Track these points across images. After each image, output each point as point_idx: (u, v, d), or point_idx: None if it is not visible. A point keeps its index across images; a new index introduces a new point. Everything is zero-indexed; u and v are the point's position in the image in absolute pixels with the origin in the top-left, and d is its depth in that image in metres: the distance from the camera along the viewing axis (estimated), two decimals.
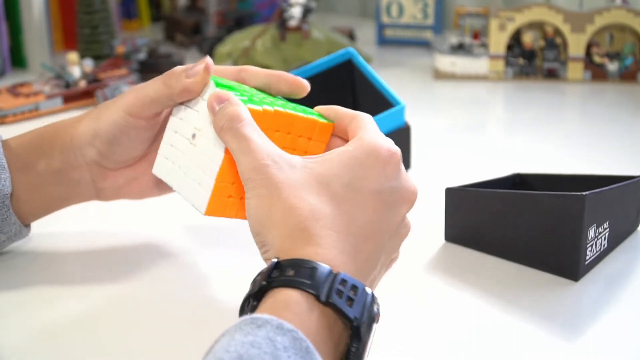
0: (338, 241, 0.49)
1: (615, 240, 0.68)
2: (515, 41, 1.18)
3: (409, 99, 0.89)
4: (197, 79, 0.58)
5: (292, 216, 0.49)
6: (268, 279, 0.46)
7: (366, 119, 0.56)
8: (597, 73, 1.16)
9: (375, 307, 0.48)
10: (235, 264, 0.66)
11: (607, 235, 0.66)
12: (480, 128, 1.03)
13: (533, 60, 1.17)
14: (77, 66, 1.10)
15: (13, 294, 0.63)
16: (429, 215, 0.72)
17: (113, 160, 0.64)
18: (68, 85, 1.09)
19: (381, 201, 0.51)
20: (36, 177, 0.64)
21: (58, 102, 1.07)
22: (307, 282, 0.46)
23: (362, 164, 0.51)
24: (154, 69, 1.18)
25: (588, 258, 0.64)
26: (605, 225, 0.65)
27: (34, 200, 0.65)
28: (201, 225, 0.72)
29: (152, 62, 1.20)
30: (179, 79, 0.58)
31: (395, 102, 0.82)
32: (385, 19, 1.36)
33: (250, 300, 0.47)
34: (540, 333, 0.58)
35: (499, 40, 1.16)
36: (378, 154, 0.52)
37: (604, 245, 0.66)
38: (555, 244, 0.64)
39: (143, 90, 0.61)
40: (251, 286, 0.48)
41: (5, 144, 0.64)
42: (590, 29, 1.13)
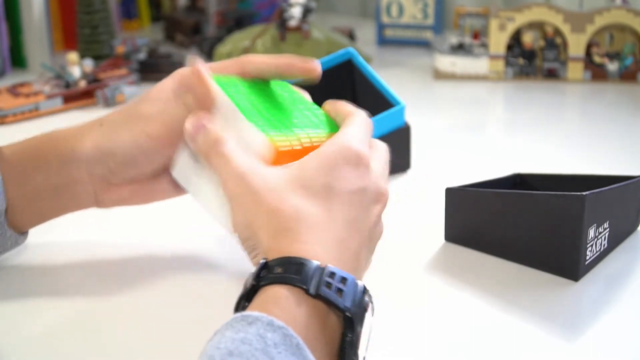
0: (323, 237, 0.49)
1: (615, 240, 0.68)
2: (515, 41, 1.18)
3: (409, 99, 0.89)
4: (201, 88, 0.57)
5: (276, 217, 0.50)
6: (257, 279, 0.47)
7: (355, 118, 0.57)
8: (597, 73, 1.16)
9: (366, 297, 0.48)
10: (236, 273, 0.66)
11: (607, 235, 0.66)
12: (480, 128, 1.03)
13: (533, 60, 1.17)
14: (77, 66, 1.10)
15: (9, 303, 0.62)
16: (429, 215, 0.72)
17: (122, 178, 0.62)
18: (68, 85, 1.09)
19: (356, 200, 0.52)
20: (33, 189, 0.62)
21: (58, 102, 1.07)
22: (296, 277, 0.46)
23: (336, 165, 0.52)
24: (154, 69, 1.18)
25: (588, 258, 0.64)
26: (605, 225, 0.65)
27: (30, 211, 0.63)
28: (201, 233, 0.71)
29: (152, 62, 1.20)
30: (191, 95, 0.58)
31: (395, 102, 0.82)
32: (385, 19, 1.36)
33: (243, 302, 0.47)
34: (540, 333, 0.58)
35: (499, 40, 1.16)
36: (347, 156, 0.52)
37: (604, 245, 0.66)
38: (555, 244, 0.64)
39: (167, 114, 0.59)
40: (242, 289, 0.48)
41: None
42: (590, 29, 1.13)
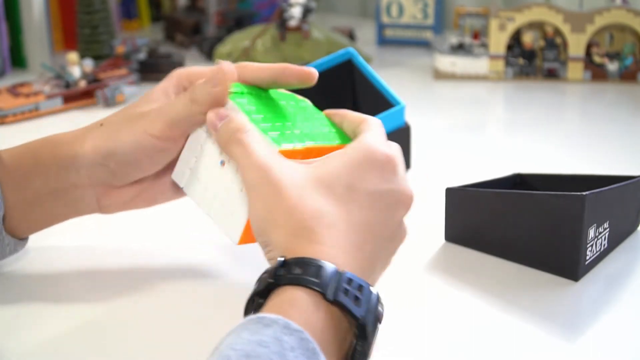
0: (341, 240, 0.49)
1: (615, 240, 0.68)
2: (515, 41, 1.18)
3: (409, 99, 0.89)
4: (224, 85, 0.56)
5: (296, 215, 0.49)
6: (275, 277, 0.46)
7: (372, 123, 0.56)
8: (597, 73, 1.16)
9: (380, 307, 0.48)
10: (238, 277, 0.66)
11: (607, 235, 0.66)
12: (480, 128, 1.03)
13: (533, 60, 1.17)
14: (77, 66, 1.10)
15: (8, 308, 0.61)
16: (429, 215, 0.72)
17: (124, 180, 0.61)
18: (68, 85, 1.09)
19: (379, 202, 0.51)
20: (31, 195, 0.61)
21: (58, 102, 1.07)
22: (315, 281, 0.46)
23: (360, 166, 0.51)
24: (154, 69, 1.18)
25: (588, 258, 0.64)
26: (605, 225, 0.65)
27: (29, 217, 0.62)
28: (202, 237, 0.71)
29: (152, 62, 1.20)
30: (205, 90, 0.57)
31: (395, 102, 0.82)
32: (385, 19, 1.36)
33: (256, 298, 0.47)
34: (540, 333, 0.58)
35: (499, 40, 1.16)
36: (375, 157, 0.52)
37: (604, 245, 0.66)
38: (555, 244, 0.64)
39: (169, 111, 0.58)
40: (257, 284, 0.47)
41: None
42: (590, 29, 1.13)
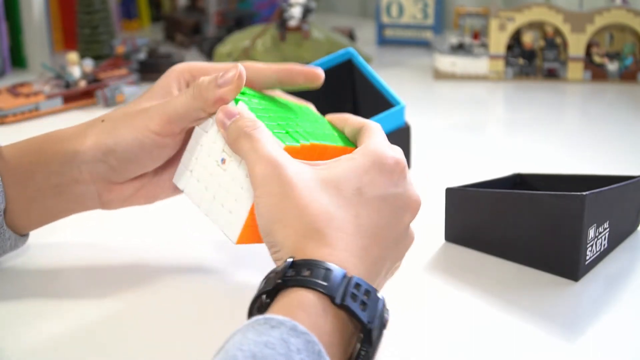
0: (348, 243, 0.49)
1: (615, 240, 0.68)
2: (515, 41, 1.18)
3: (409, 99, 0.89)
4: (232, 87, 0.56)
5: (305, 215, 0.49)
6: (284, 278, 0.46)
7: (374, 127, 0.57)
8: (597, 73, 1.16)
9: (385, 313, 0.48)
10: (239, 275, 0.66)
11: (607, 235, 0.66)
12: (480, 128, 1.03)
13: (533, 60, 1.17)
14: (77, 66, 1.10)
15: (10, 306, 0.62)
16: (429, 215, 0.72)
17: (124, 176, 0.61)
18: (68, 85, 1.09)
19: (386, 206, 0.51)
20: (33, 191, 0.61)
21: (58, 102, 1.07)
22: (323, 284, 0.46)
23: (368, 171, 0.51)
24: (154, 69, 1.18)
25: (588, 258, 0.64)
26: (605, 225, 0.65)
27: (30, 213, 0.62)
28: (203, 236, 0.71)
29: (152, 62, 1.20)
30: (210, 89, 0.56)
31: (395, 102, 0.82)
32: (385, 19, 1.36)
33: (263, 297, 0.47)
34: (540, 333, 0.58)
35: (499, 40, 1.16)
36: (383, 162, 0.52)
37: (604, 245, 0.66)
38: (555, 244, 0.64)
39: (169, 106, 0.58)
40: (264, 283, 0.47)
41: None
42: (590, 29, 1.13)
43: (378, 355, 0.52)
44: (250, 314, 0.47)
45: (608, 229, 0.65)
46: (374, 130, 0.56)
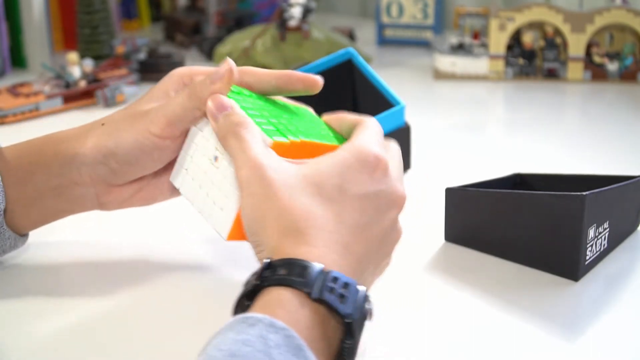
0: (330, 241, 0.49)
1: (615, 240, 0.68)
2: (515, 41, 1.18)
3: (409, 99, 0.89)
4: (223, 81, 0.56)
5: (286, 216, 0.49)
6: (260, 279, 0.47)
7: (368, 124, 0.56)
8: (597, 73, 1.16)
9: (367, 305, 0.48)
10: (238, 275, 0.66)
11: (607, 235, 0.66)
12: (480, 128, 1.03)
13: (533, 60, 1.17)
14: (77, 66, 1.10)
15: (10, 305, 0.62)
16: (429, 215, 0.72)
17: (124, 179, 0.61)
18: (68, 85, 1.09)
19: (369, 204, 0.52)
20: (33, 192, 0.61)
21: (58, 102, 1.07)
22: (299, 280, 0.46)
23: (350, 168, 0.52)
24: (154, 69, 1.18)
25: (588, 258, 0.64)
26: (605, 225, 0.65)
27: (30, 213, 0.63)
28: (201, 235, 0.71)
29: (152, 62, 1.20)
30: (204, 87, 0.57)
31: (395, 102, 0.82)
32: (385, 19, 1.36)
33: (244, 300, 0.47)
34: (540, 333, 0.58)
35: (499, 40, 1.16)
36: (365, 159, 0.52)
37: (604, 245, 0.66)
38: (555, 244, 0.64)
39: (168, 109, 0.58)
40: (244, 287, 0.48)
41: None
42: (590, 29, 1.13)
43: (379, 355, 0.52)
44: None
45: (608, 229, 0.65)
46: (365, 127, 0.56)
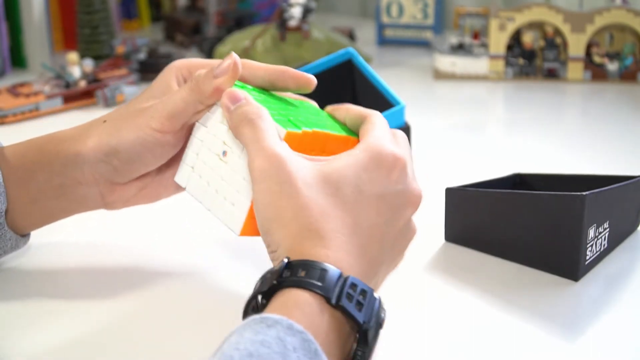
0: (345, 243, 0.49)
1: (615, 240, 0.68)
2: (515, 41, 1.18)
3: (409, 99, 0.89)
4: (228, 76, 0.56)
5: (303, 216, 0.49)
6: (279, 279, 0.46)
7: (376, 120, 0.56)
8: (597, 73, 1.16)
9: (382, 313, 0.48)
10: (243, 275, 0.66)
11: (607, 235, 0.66)
12: (480, 128, 1.03)
13: (533, 60, 1.17)
14: (77, 66, 1.10)
15: (10, 306, 0.61)
16: (429, 215, 0.72)
17: (127, 176, 0.61)
18: (68, 85, 1.09)
19: (385, 204, 0.51)
20: (35, 192, 0.61)
21: (58, 102, 1.07)
22: (318, 284, 0.46)
23: (367, 168, 0.51)
24: (154, 69, 1.18)
25: (588, 258, 0.64)
26: (605, 225, 0.65)
27: (32, 213, 0.62)
28: (204, 235, 0.71)
29: (152, 62, 1.20)
30: (207, 80, 0.56)
31: (395, 102, 0.82)
32: (385, 19, 1.36)
33: (259, 298, 0.47)
34: (540, 333, 0.58)
35: (499, 40, 1.16)
36: (383, 159, 0.52)
37: (604, 245, 0.66)
38: (555, 244, 0.64)
39: (168, 103, 0.58)
40: (259, 284, 0.47)
41: (0, 153, 0.61)
42: (590, 29, 1.13)
43: (378, 355, 0.52)
44: (246, 315, 0.47)
45: (608, 229, 0.65)
46: (375, 123, 0.55)
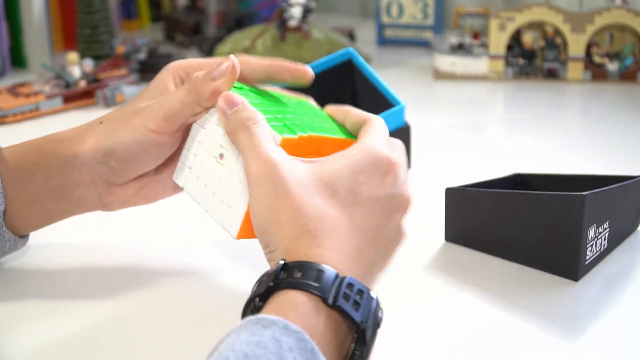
0: (343, 244, 0.49)
1: (615, 240, 0.68)
2: (515, 41, 1.18)
3: (409, 99, 0.89)
4: (226, 78, 0.56)
5: (299, 218, 0.49)
6: (275, 280, 0.46)
7: (375, 123, 0.56)
8: (597, 73, 1.16)
9: (379, 312, 0.48)
10: (240, 275, 0.66)
11: (607, 235, 0.66)
12: (480, 128, 1.03)
13: (533, 60, 1.17)
14: (77, 66, 1.10)
15: (10, 306, 0.61)
16: (429, 215, 0.72)
17: (125, 177, 0.61)
18: (68, 85, 1.09)
19: (379, 207, 0.51)
20: (33, 193, 0.61)
21: (58, 102, 1.07)
22: (315, 285, 0.46)
23: (363, 171, 0.51)
24: (154, 69, 1.17)
25: (588, 258, 0.64)
26: (605, 225, 0.65)
27: (30, 214, 0.62)
28: (202, 235, 0.71)
29: (152, 62, 1.20)
30: (205, 82, 0.56)
31: (395, 102, 0.82)
32: (385, 19, 1.36)
33: (256, 300, 0.47)
34: (540, 333, 0.58)
35: (499, 40, 1.16)
36: (379, 163, 0.52)
37: (604, 245, 0.66)
38: (555, 244, 0.64)
39: (165, 104, 0.58)
40: (256, 286, 0.47)
41: None
42: (590, 29, 1.13)
43: (378, 355, 0.52)
44: (244, 317, 0.47)
45: (608, 229, 0.65)
46: (374, 126, 0.56)
